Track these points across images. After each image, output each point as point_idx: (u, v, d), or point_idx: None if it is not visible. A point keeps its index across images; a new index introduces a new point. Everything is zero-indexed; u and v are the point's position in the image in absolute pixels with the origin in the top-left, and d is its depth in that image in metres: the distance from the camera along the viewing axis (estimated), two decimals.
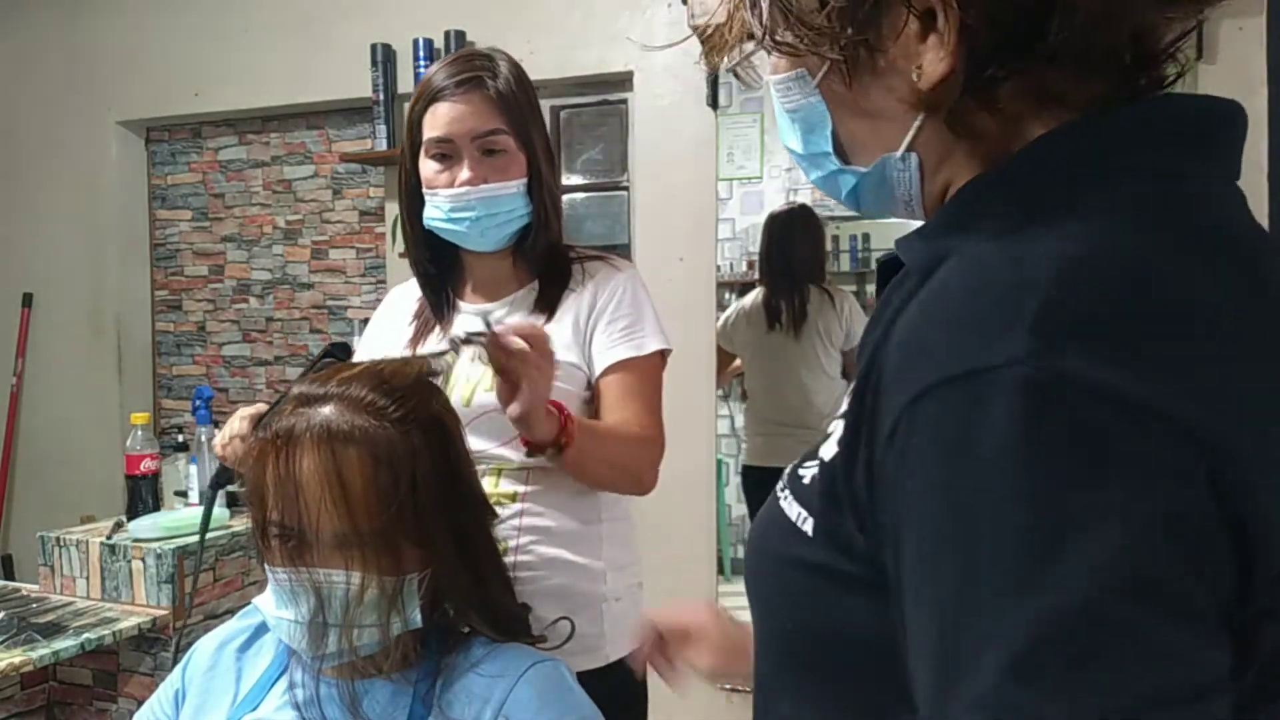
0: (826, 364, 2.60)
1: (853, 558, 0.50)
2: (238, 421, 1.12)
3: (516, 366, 0.99)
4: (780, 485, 0.60)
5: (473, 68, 1.26)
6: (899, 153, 0.54)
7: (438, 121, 1.25)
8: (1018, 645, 0.38)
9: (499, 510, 1.03)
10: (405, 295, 1.44)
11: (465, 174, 1.24)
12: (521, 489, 1.21)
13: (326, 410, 0.81)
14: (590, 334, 1.31)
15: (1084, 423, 0.39)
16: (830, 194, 0.61)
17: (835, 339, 2.58)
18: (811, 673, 0.56)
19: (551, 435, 1.08)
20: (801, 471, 0.57)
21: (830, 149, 0.57)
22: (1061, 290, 0.41)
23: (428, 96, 1.27)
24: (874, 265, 2.75)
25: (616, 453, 1.24)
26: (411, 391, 0.86)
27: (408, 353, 1.31)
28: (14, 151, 3.52)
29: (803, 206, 2.62)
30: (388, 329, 1.40)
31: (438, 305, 1.36)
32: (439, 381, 0.96)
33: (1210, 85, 2.13)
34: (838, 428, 0.52)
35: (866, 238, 2.76)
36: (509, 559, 1.11)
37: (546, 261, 1.34)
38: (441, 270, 1.36)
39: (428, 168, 1.27)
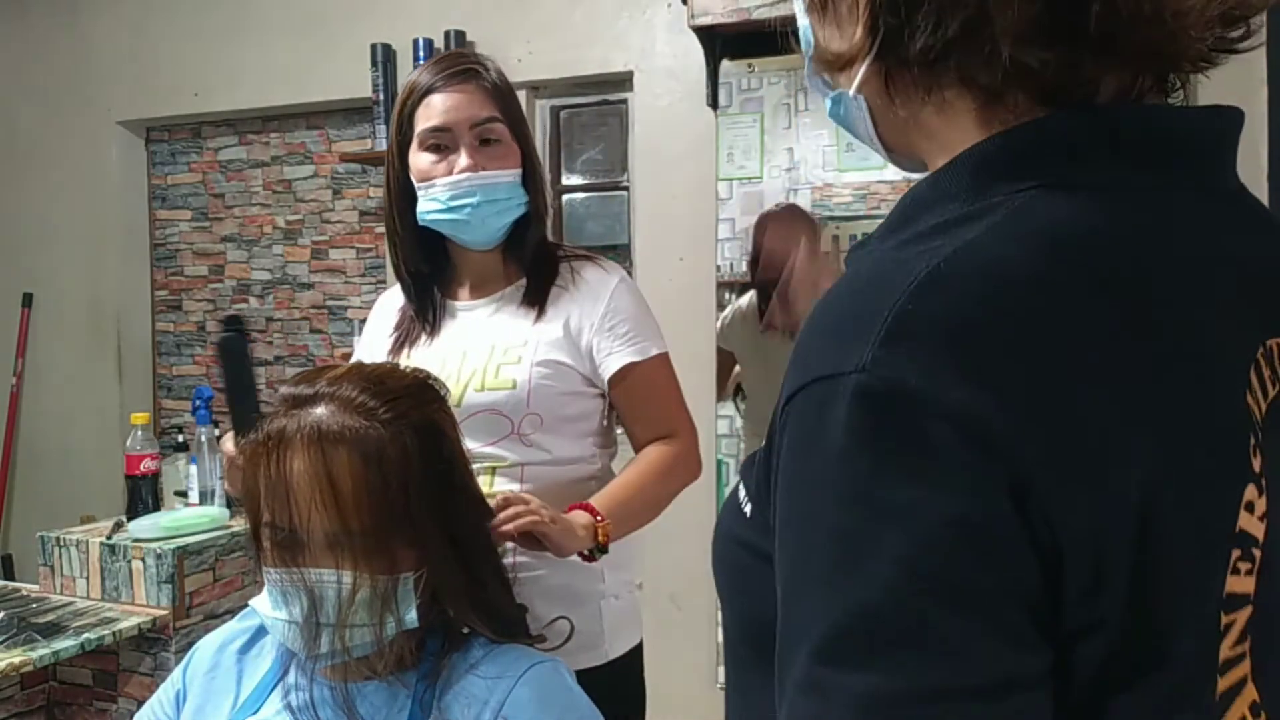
0: None
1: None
2: (228, 442, 1.13)
3: (530, 529, 1.02)
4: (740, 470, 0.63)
5: (465, 62, 1.29)
6: (850, 91, 0.55)
7: (433, 112, 1.25)
8: (822, 631, 0.42)
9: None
10: (389, 304, 1.43)
11: (464, 161, 1.24)
12: (516, 488, 1.21)
13: (318, 411, 0.82)
14: (589, 338, 1.30)
15: (900, 427, 0.41)
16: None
17: None
18: (761, 645, 0.57)
19: (589, 542, 1.12)
20: (757, 458, 0.60)
21: (808, 70, 0.60)
22: (913, 303, 0.42)
23: (420, 91, 1.27)
24: None
25: (654, 494, 1.30)
26: (404, 393, 0.86)
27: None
28: (14, 151, 3.52)
29: (793, 206, 2.61)
30: (373, 340, 1.41)
31: (424, 310, 1.35)
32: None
33: (1210, 85, 2.12)
34: None
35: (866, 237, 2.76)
36: (507, 559, 1.11)
37: (536, 257, 1.34)
38: (433, 271, 1.35)
39: (422, 160, 1.27)
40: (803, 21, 0.59)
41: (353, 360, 1.34)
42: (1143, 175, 0.47)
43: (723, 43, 2.48)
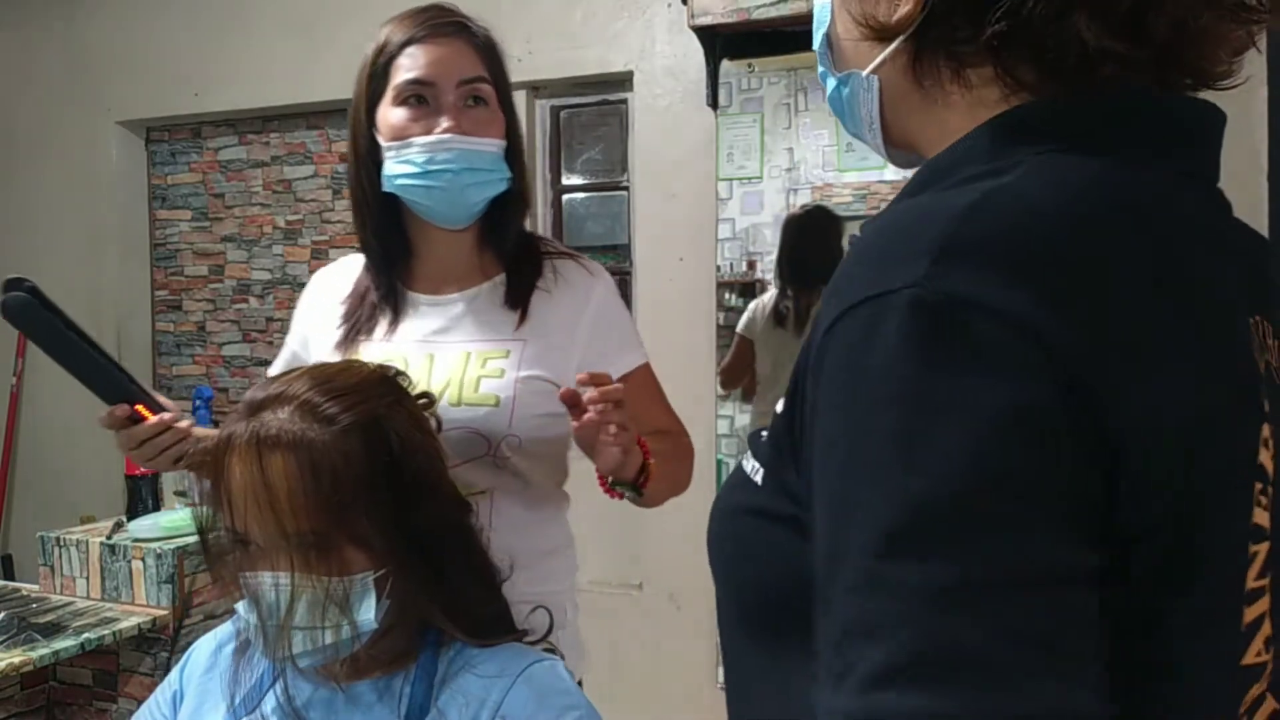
0: None
1: (793, 500, 0.52)
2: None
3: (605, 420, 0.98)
4: (746, 451, 0.63)
5: (452, 15, 1.15)
6: (864, 72, 0.57)
7: (416, 63, 1.11)
8: (881, 528, 0.41)
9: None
10: (330, 287, 1.26)
11: (446, 120, 1.10)
12: (485, 518, 1.12)
13: (264, 415, 0.82)
14: (577, 351, 1.20)
15: (958, 331, 0.42)
16: (828, 98, 0.64)
17: None
18: (755, 616, 0.58)
19: (634, 473, 1.07)
20: (763, 433, 0.60)
21: (816, 46, 0.61)
22: (959, 224, 0.44)
23: (401, 41, 1.12)
24: None
25: (673, 471, 1.23)
26: (352, 390, 0.85)
27: (339, 331, 1.19)
28: (14, 151, 3.53)
29: (819, 208, 2.61)
30: (312, 331, 1.24)
31: (390, 294, 1.19)
32: None
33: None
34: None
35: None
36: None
37: (518, 249, 1.20)
38: (395, 251, 1.19)
39: (396, 116, 1.11)
40: (820, 7, 0.60)
41: (282, 353, 1.28)
42: (1139, 151, 0.50)
43: (723, 43, 2.48)
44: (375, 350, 1.16)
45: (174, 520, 2.07)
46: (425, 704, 0.85)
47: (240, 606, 0.85)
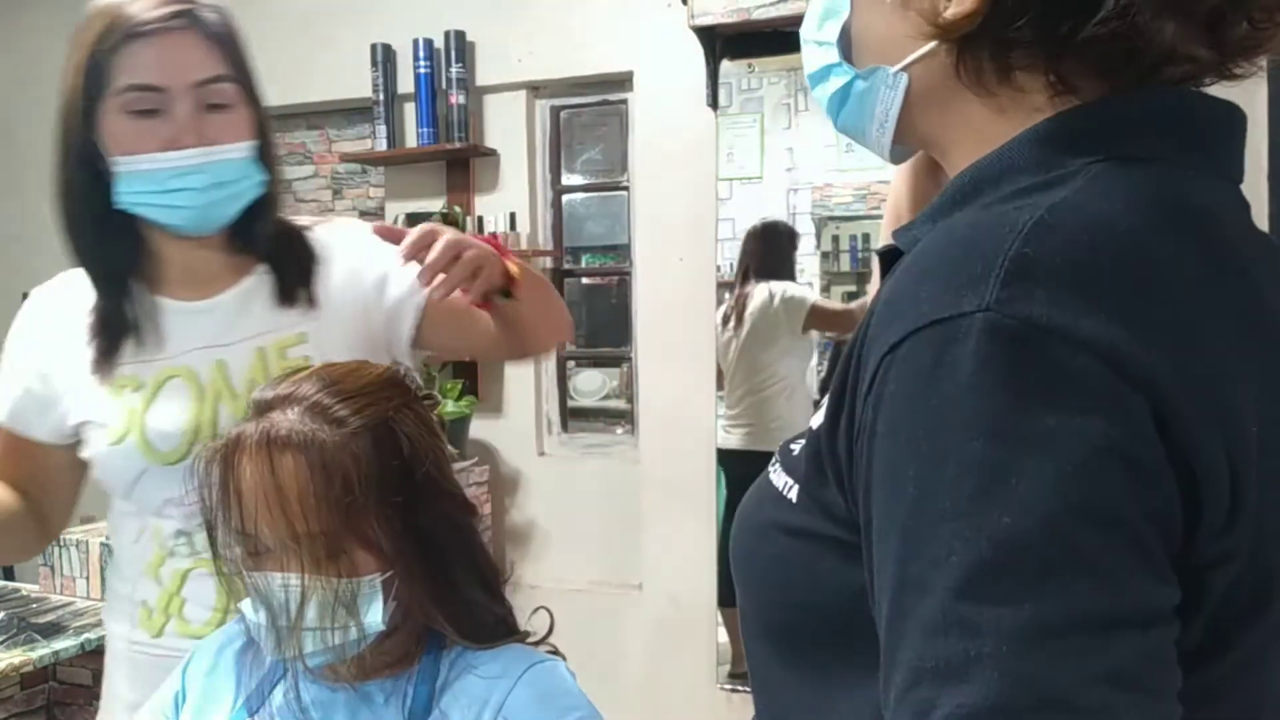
0: (764, 351, 2.67)
1: (835, 521, 0.51)
2: None
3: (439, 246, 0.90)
4: (772, 461, 0.61)
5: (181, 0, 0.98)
6: (894, 69, 0.55)
7: (140, 64, 0.95)
8: (965, 566, 0.40)
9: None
10: (57, 308, 1.09)
11: (185, 135, 0.96)
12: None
13: (274, 415, 0.82)
14: (368, 299, 1.10)
15: (1039, 360, 0.41)
16: (819, 92, 0.61)
17: (772, 322, 2.63)
18: (794, 640, 0.57)
19: (499, 278, 0.97)
20: (792, 445, 0.59)
21: (835, 39, 0.58)
22: (1030, 244, 0.43)
23: (122, 32, 0.95)
24: (875, 265, 2.75)
25: (537, 288, 1.08)
26: (362, 392, 0.86)
27: (93, 382, 1.04)
28: (14, 151, 3.52)
29: (776, 221, 2.67)
30: (48, 357, 1.07)
31: (120, 312, 1.04)
32: None
33: (1209, 84, 2.13)
34: (826, 399, 0.54)
35: (866, 238, 2.76)
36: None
37: (276, 240, 1.08)
38: (126, 264, 1.05)
39: (124, 127, 0.96)
40: None
41: (4, 393, 1.10)
42: (1185, 155, 0.50)
43: (723, 43, 2.48)
44: (150, 370, 1.04)
45: None
46: (428, 705, 0.85)
47: (244, 606, 0.85)
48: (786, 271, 2.69)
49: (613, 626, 2.75)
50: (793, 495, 0.55)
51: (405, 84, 2.89)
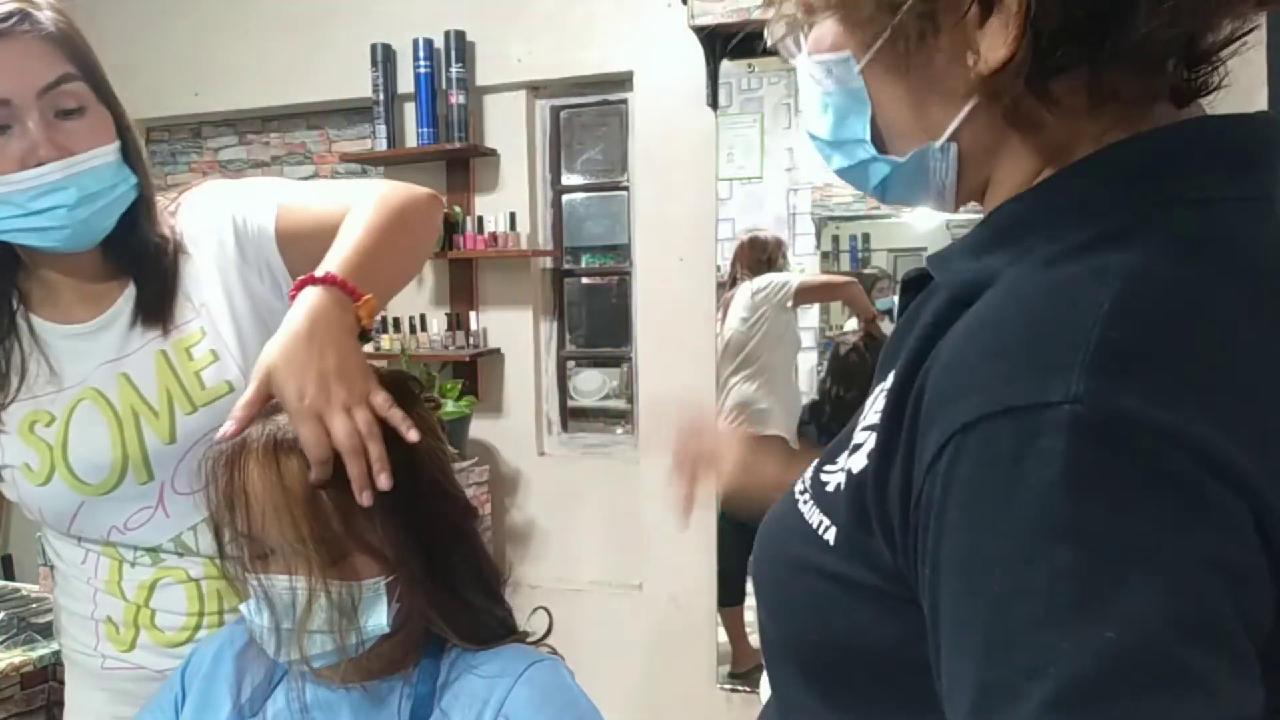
0: (747, 340, 2.72)
1: (878, 572, 0.50)
2: None
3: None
4: (800, 488, 0.60)
5: (8, 2, 0.89)
6: (939, 142, 0.53)
7: None
8: (1066, 679, 0.38)
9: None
10: None
11: (41, 150, 0.87)
12: None
13: (279, 419, 0.82)
14: (246, 261, 1.02)
15: (1138, 463, 0.39)
16: (854, 182, 0.60)
17: (754, 309, 2.69)
18: (827, 682, 0.56)
19: (349, 308, 0.82)
20: (825, 477, 0.57)
21: (867, 136, 0.56)
22: (1115, 329, 0.41)
23: None
24: (873, 265, 2.75)
25: (400, 243, 0.94)
26: None
27: None
28: None
29: (755, 236, 2.70)
30: None
31: (6, 353, 0.98)
32: None
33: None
34: (866, 439, 0.52)
35: (866, 238, 2.76)
36: None
37: (145, 251, 0.98)
38: (5, 294, 0.98)
39: None
40: (846, 96, 0.55)
41: None
42: (1238, 185, 0.48)
43: (723, 43, 2.48)
44: (58, 401, 0.98)
45: None
46: (429, 705, 0.85)
47: (245, 608, 0.85)
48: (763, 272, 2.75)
49: (613, 626, 2.75)
50: (830, 537, 0.53)
51: (405, 84, 2.89)
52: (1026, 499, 0.40)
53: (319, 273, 0.83)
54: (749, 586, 0.76)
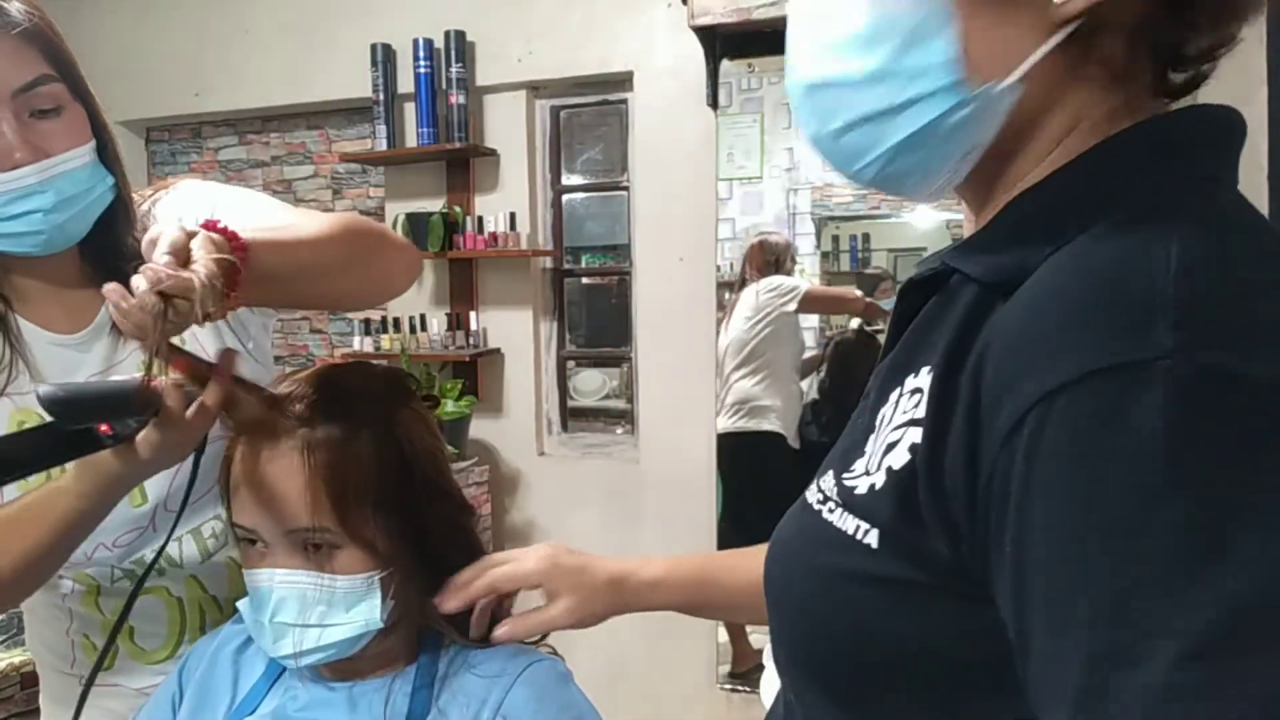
0: (750, 339, 2.73)
1: (927, 568, 0.49)
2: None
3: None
4: (818, 498, 0.58)
5: None
6: (1009, 80, 0.49)
7: None
8: (1195, 631, 0.37)
9: None
10: None
11: (15, 153, 0.84)
12: None
13: (274, 413, 0.82)
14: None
15: (1241, 413, 0.39)
16: (861, 135, 0.53)
17: (758, 310, 2.71)
18: (860, 698, 0.55)
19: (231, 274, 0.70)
20: (850, 482, 0.55)
21: (953, 55, 0.49)
22: (1190, 285, 0.41)
23: None
24: (874, 265, 2.75)
25: (330, 248, 0.85)
26: (365, 391, 0.85)
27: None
28: None
29: (764, 239, 2.72)
30: None
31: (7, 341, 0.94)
32: None
33: (1210, 85, 2.13)
34: (903, 436, 0.51)
35: (866, 238, 2.76)
36: None
37: (122, 255, 0.93)
38: None
39: None
40: (920, 11, 0.50)
41: None
42: (1228, 170, 0.50)
43: (723, 43, 2.48)
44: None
45: None
46: (426, 704, 0.85)
47: (242, 605, 0.85)
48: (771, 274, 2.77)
49: (613, 626, 2.75)
50: (871, 540, 0.52)
51: (405, 84, 2.89)
52: (1127, 458, 0.39)
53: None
54: None
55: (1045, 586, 0.42)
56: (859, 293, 2.72)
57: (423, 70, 2.83)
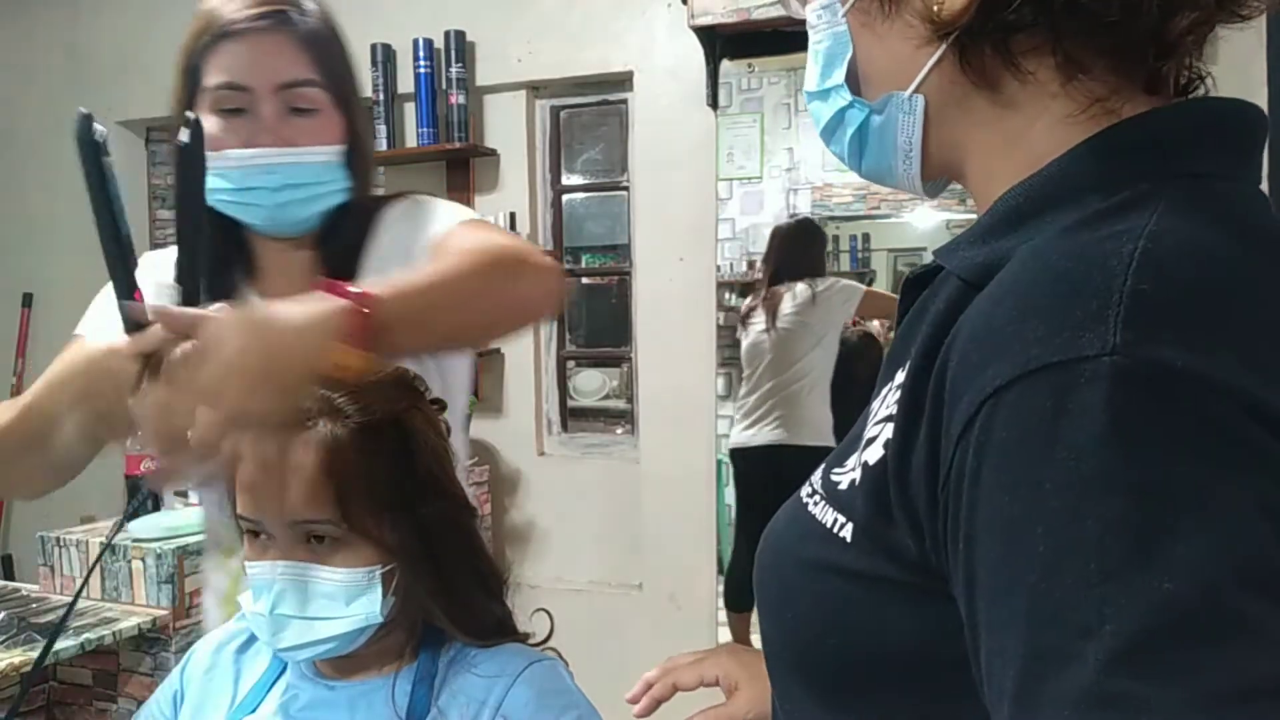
0: (796, 347, 2.68)
1: (899, 564, 0.49)
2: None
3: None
4: (807, 492, 0.59)
5: (274, 1, 0.98)
6: (908, 91, 0.54)
7: (227, 63, 0.97)
8: (1125, 635, 0.37)
9: None
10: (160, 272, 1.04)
11: (264, 135, 0.96)
12: None
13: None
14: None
15: (1183, 411, 0.38)
16: (835, 143, 0.60)
17: (810, 318, 2.64)
18: (840, 693, 0.55)
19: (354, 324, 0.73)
20: (836, 477, 0.56)
21: (843, 80, 0.57)
22: (1146, 281, 0.41)
23: (213, 32, 0.97)
24: (873, 265, 2.76)
25: (470, 285, 0.88)
26: (372, 389, 0.86)
27: None
28: (14, 151, 3.52)
29: (806, 220, 2.66)
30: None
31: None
32: None
33: (1210, 85, 2.13)
34: (880, 431, 0.51)
35: (866, 238, 2.77)
36: None
37: (346, 256, 1.03)
38: (228, 261, 1.04)
39: (210, 125, 0.95)
40: (831, 42, 0.57)
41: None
42: (1228, 166, 0.49)
43: (723, 43, 2.48)
44: None
45: (174, 520, 2.07)
46: (426, 703, 0.85)
47: (243, 598, 0.85)
48: (818, 270, 2.69)
49: (613, 626, 2.75)
50: (846, 534, 0.52)
51: (405, 84, 2.89)
52: (1068, 453, 0.39)
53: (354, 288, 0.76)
54: None
55: (989, 583, 0.42)
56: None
57: (423, 70, 2.83)
